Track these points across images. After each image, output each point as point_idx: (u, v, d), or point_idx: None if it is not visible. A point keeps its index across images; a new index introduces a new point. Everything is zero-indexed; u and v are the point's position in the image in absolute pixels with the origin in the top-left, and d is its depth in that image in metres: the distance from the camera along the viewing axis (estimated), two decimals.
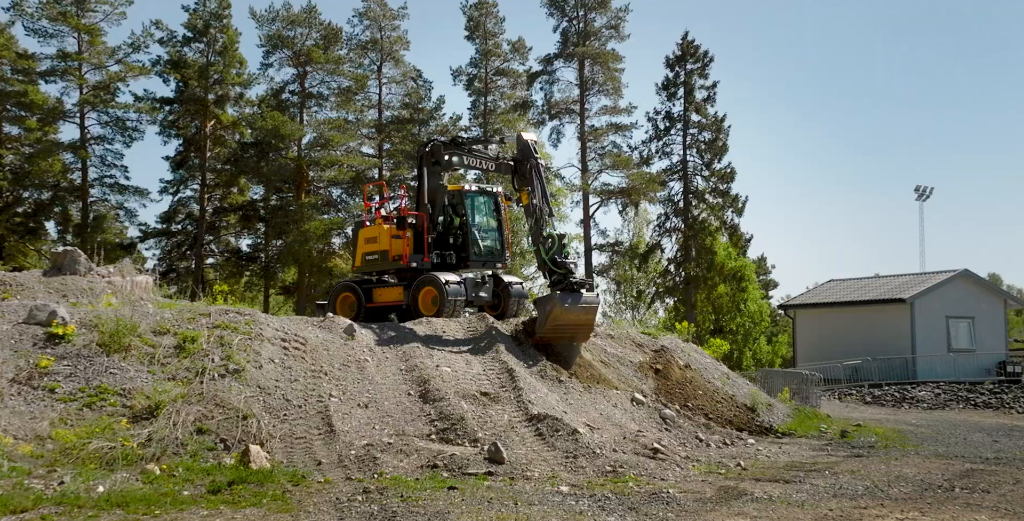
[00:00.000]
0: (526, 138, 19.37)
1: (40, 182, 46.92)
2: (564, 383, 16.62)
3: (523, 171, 18.95)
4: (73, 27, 46.59)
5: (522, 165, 19.02)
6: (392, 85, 53.10)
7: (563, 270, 18.04)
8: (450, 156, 20.15)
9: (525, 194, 18.79)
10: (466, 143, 20.65)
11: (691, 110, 50.63)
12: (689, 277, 49.07)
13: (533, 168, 18.79)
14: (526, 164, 18.91)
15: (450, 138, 21.01)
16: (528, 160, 18.91)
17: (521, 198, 19.01)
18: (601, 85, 50.70)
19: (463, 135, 23.46)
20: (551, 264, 18.08)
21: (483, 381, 15.59)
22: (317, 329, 16.24)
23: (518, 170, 19.14)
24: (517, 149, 19.41)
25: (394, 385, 14.89)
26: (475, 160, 20.20)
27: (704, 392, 20.33)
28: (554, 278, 18.16)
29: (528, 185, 18.76)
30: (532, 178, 18.71)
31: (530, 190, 18.64)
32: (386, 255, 20.56)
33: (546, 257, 18.12)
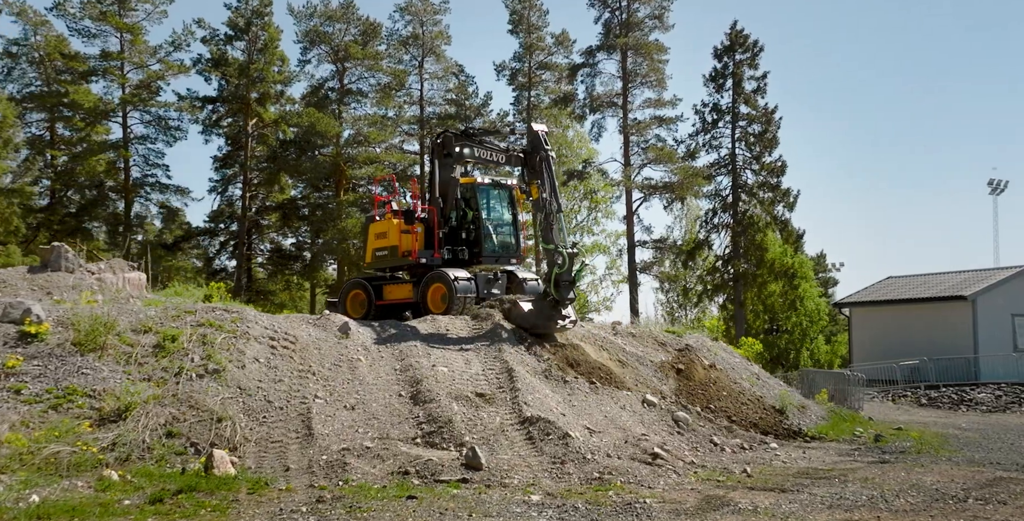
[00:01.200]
0: (536, 129, 18.77)
1: (85, 182, 47.64)
2: (569, 383, 15.99)
3: (533, 163, 18.39)
4: (115, 26, 47.18)
5: (532, 157, 18.43)
6: (434, 81, 52.90)
7: (560, 297, 17.41)
8: (461, 147, 19.72)
9: (535, 187, 18.22)
10: (478, 134, 20.15)
11: (740, 102, 49.43)
12: (738, 274, 47.89)
13: (543, 160, 18.21)
14: (536, 156, 18.32)
15: (462, 129, 20.55)
16: (538, 152, 18.32)
17: (531, 191, 18.44)
18: (644, 77, 49.81)
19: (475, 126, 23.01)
20: (554, 285, 17.39)
21: (480, 381, 15.04)
22: (311, 327, 15.84)
23: (528, 162, 18.57)
24: (527, 140, 18.84)
25: (385, 386, 14.40)
26: (486, 152, 19.68)
27: (729, 393, 19.52)
28: (548, 299, 17.59)
29: (538, 178, 18.18)
30: (542, 171, 18.14)
31: (540, 183, 18.08)
32: (395, 251, 20.15)
33: (553, 275, 17.42)
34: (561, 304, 17.51)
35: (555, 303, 17.52)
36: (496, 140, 20.18)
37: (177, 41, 48.40)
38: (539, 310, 17.74)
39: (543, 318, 17.71)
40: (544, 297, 17.73)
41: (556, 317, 17.69)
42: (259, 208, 51.31)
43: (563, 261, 17.24)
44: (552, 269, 17.41)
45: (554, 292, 17.38)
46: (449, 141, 19.90)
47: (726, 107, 49.74)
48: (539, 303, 17.80)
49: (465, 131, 20.41)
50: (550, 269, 17.48)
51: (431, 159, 20.60)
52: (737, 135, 49.43)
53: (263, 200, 51.43)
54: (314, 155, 48.08)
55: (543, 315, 17.65)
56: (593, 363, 17.56)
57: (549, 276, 17.48)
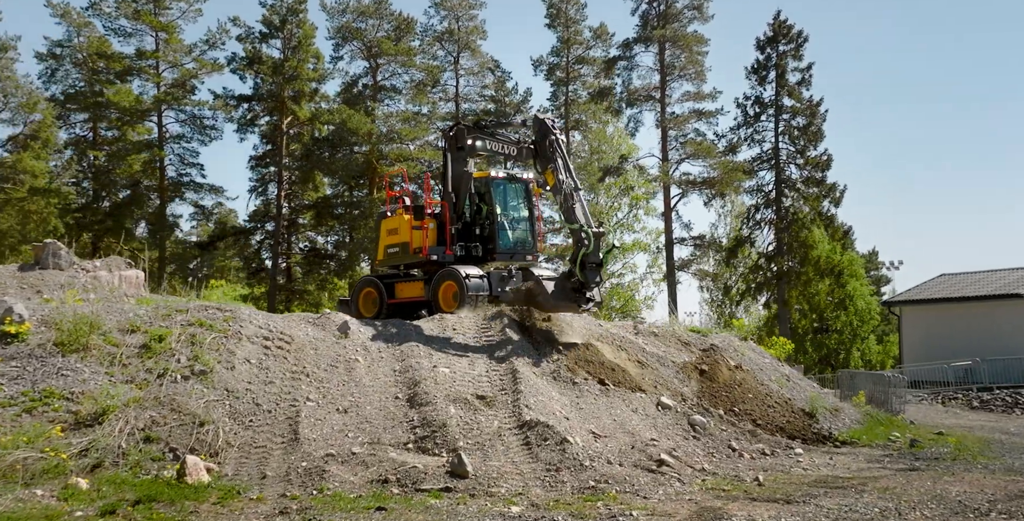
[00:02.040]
0: (541, 116, 18.26)
1: (122, 181, 47.99)
2: (579, 385, 15.37)
3: (543, 150, 17.83)
4: (150, 25, 47.42)
5: (541, 144, 17.88)
6: (470, 77, 52.50)
7: (586, 280, 16.84)
8: (473, 140, 19.24)
9: (550, 173, 17.63)
10: (490, 126, 19.63)
11: (784, 94, 48.35)
12: (781, 272, 46.77)
13: (552, 144, 17.68)
14: (545, 142, 17.76)
15: (474, 121, 20.06)
16: (547, 137, 17.77)
17: (547, 180, 17.82)
18: (683, 70, 48.90)
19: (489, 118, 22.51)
20: (580, 267, 16.77)
21: (483, 383, 14.48)
22: (309, 326, 15.40)
23: (539, 151, 18.01)
24: (534, 129, 18.34)
25: (382, 388, 13.91)
26: (498, 144, 19.18)
27: (755, 395, 18.77)
28: (573, 281, 16.97)
29: (551, 163, 17.62)
30: (554, 153, 17.61)
31: (553, 167, 17.53)
32: (407, 247, 19.66)
33: (580, 257, 16.75)
34: (586, 287, 16.93)
35: (580, 285, 16.94)
36: (509, 132, 19.69)
37: (212, 39, 48.50)
38: (562, 290, 17.04)
39: (565, 299, 17.06)
40: (568, 278, 17.09)
41: (580, 300, 17.10)
42: (295, 207, 51.24)
43: (589, 241, 16.64)
44: (579, 250, 16.68)
45: (580, 274, 16.74)
46: (461, 134, 19.44)
47: (769, 100, 48.69)
48: (562, 283, 17.10)
49: (477, 123, 19.93)
50: (576, 250, 16.80)
51: (443, 152, 20.11)
52: (781, 129, 48.35)
53: (299, 199, 51.37)
54: (351, 152, 47.84)
55: (566, 296, 17.01)
56: (608, 364, 16.92)
57: (575, 257, 16.77)
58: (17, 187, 47.08)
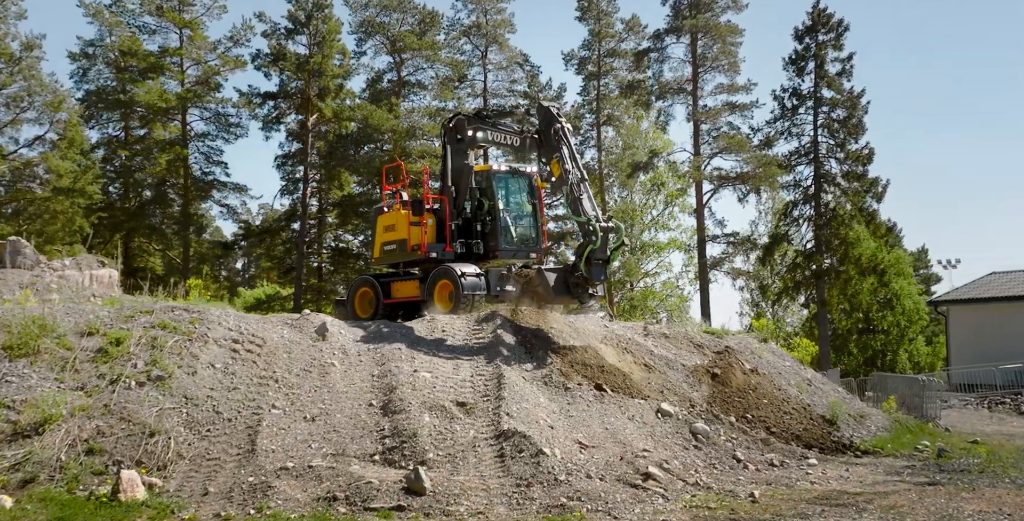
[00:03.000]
0: (546, 104, 17.49)
1: (147, 181, 47.91)
2: (572, 391, 14.48)
3: (548, 140, 17.05)
4: (174, 22, 47.26)
5: (546, 134, 17.10)
6: (498, 72, 51.72)
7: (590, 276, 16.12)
8: (474, 131, 18.52)
9: (555, 163, 16.83)
10: (491, 116, 18.83)
11: (823, 86, 46.89)
12: (820, 271, 45.34)
13: (557, 132, 16.89)
14: (550, 131, 16.97)
15: (475, 112, 19.30)
16: (552, 125, 16.99)
17: (552, 170, 17.01)
18: (715, 61, 47.67)
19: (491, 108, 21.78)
20: (585, 262, 15.97)
21: (465, 388, 13.66)
22: (285, 328, 14.69)
23: (543, 140, 17.23)
24: (539, 118, 17.49)
25: (357, 394, 13.15)
26: (500, 135, 18.41)
27: (770, 401, 17.78)
28: (577, 275, 16.22)
29: (555, 152, 16.82)
30: (558, 142, 16.82)
31: (558, 157, 16.72)
32: (404, 245, 18.93)
33: (586, 252, 15.95)
34: (590, 283, 16.31)
35: (583, 280, 16.21)
36: (513, 122, 18.94)
37: (236, 36, 48.29)
38: (563, 284, 16.42)
39: (566, 293, 16.52)
40: (572, 272, 16.33)
41: (582, 296, 16.55)
42: (321, 205, 50.82)
43: (596, 236, 15.77)
44: (586, 245, 15.92)
45: (583, 269, 15.97)
46: (462, 124, 18.74)
47: (807, 92, 47.25)
48: (564, 276, 16.48)
49: (478, 113, 19.16)
50: (583, 244, 16.07)
51: (442, 144, 19.37)
52: (820, 121, 46.90)
53: (326, 197, 50.93)
54: (380, 149, 47.26)
55: (567, 290, 16.45)
56: (608, 368, 16.03)
57: (581, 252, 16.02)
58: (42, 187, 47.23)
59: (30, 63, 46.92)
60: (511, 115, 19.82)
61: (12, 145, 48.51)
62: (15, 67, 45.84)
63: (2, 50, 45.94)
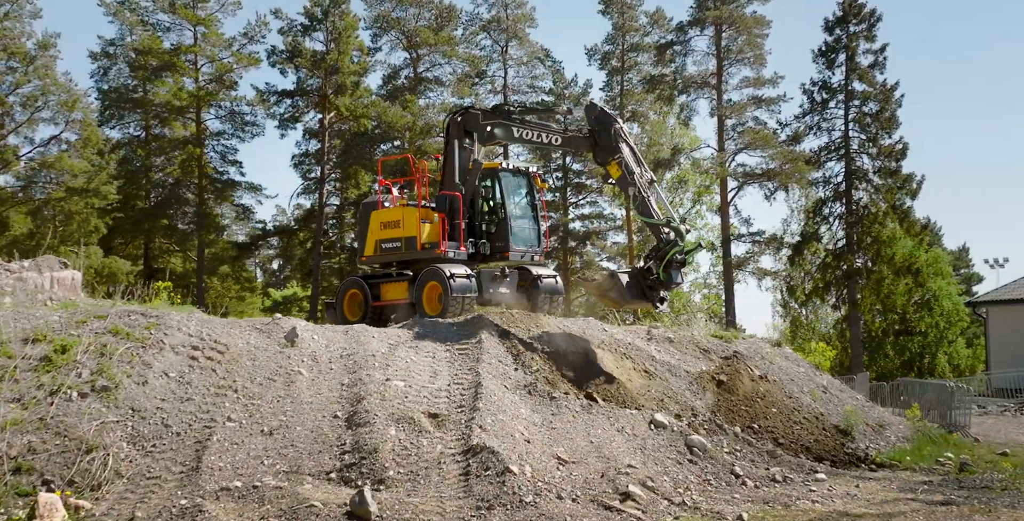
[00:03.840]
0: (598, 103, 17.13)
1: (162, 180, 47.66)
2: (557, 401, 13.61)
3: (606, 140, 16.46)
4: (188, 19, 46.90)
5: (603, 134, 16.50)
6: (519, 67, 50.88)
7: (669, 280, 15.82)
8: (492, 127, 17.72)
9: (614, 166, 16.36)
10: (515, 111, 18.00)
11: (854, 78, 45.69)
12: (851, 270, 44.06)
13: (618, 132, 16.41)
14: (610, 130, 16.42)
15: (494, 106, 18.51)
16: (611, 125, 16.48)
17: (610, 172, 16.62)
18: (740, 54, 46.53)
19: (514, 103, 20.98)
20: (665, 265, 15.63)
21: (440, 398, 12.85)
22: (253, 333, 13.92)
23: (599, 141, 16.59)
24: (591, 118, 16.86)
25: (322, 405, 12.37)
26: (531, 132, 17.60)
27: (780, 410, 16.85)
28: (652, 278, 15.82)
29: (616, 153, 16.27)
30: (619, 144, 16.30)
31: (620, 158, 16.20)
32: (413, 243, 18.03)
33: (669, 254, 15.66)
34: (665, 286, 16.00)
35: (658, 283, 15.82)
36: (547, 119, 18.37)
37: (251, 33, 47.83)
38: (637, 287, 15.97)
39: (640, 297, 16.10)
40: (646, 275, 15.88)
41: (655, 298, 16.11)
42: (341, 204, 50.25)
43: (681, 238, 15.75)
44: (669, 247, 15.63)
45: (661, 274, 15.60)
46: (474, 119, 17.96)
47: (838, 85, 46.14)
48: (638, 279, 16.02)
49: (497, 108, 18.31)
50: (664, 246, 15.71)
51: (450, 138, 18.58)
52: (851, 115, 45.68)
53: (343, 197, 50.37)
54: (401, 147, 46.58)
55: (641, 293, 16.03)
56: (601, 375, 15.18)
57: (662, 254, 15.65)
58: (57, 187, 47.10)
59: (45, 62, 46.79)
60: (549, 112, 19.19)
61: (28, 145, 48.65)
62: (30, 66, 45.76)
63: (17, 49, 45.87)
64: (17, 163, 46.98)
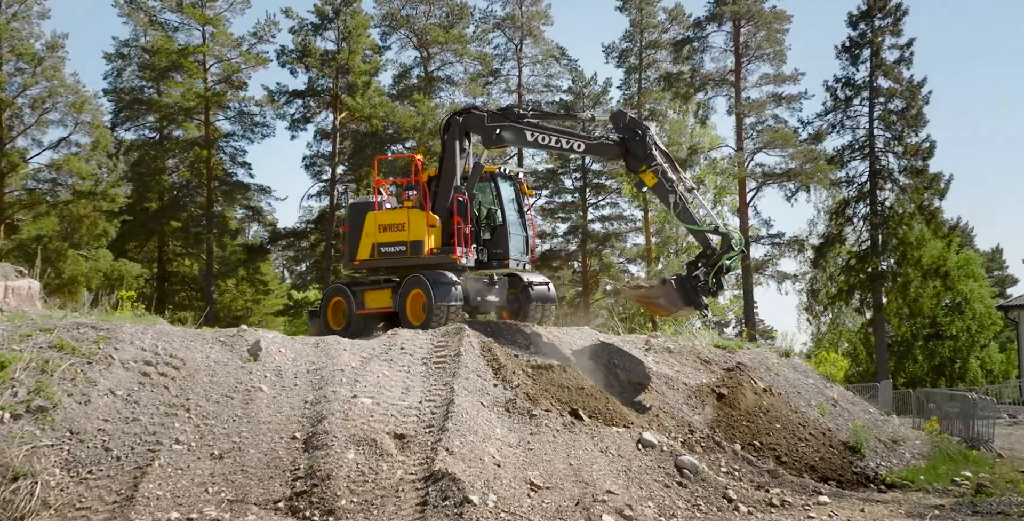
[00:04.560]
0: (628, 112, 16.92)
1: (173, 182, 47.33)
2: (537, 419, 12.80)
3: (639, 148, 15.99)
4: (196, 19, 46.48)
5: (635, 141, 16.03)
6: (534, 65, 50.10)
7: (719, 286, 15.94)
8: (500, 130, 16.99)
9: (649, 174, 15.97)
10: (526, 114, 17.34)
11: (879, 75, 44.45)
12: (876, 273, 42.84)
13: (652, 139, 16.05)
14: (644, 138, 16.01)
15: (501, 107, 17.85)
16: (645, 132, 16.09)
17: (644, 180, 16.17)
18: (760, 50, 45.43)
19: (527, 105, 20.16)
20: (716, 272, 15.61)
21: (409, 417, 12.07)
22: (215, 347, 13.20)
23: (631, 148, 16.10)
24: (619, 126, 16.37)
25: (281, 425, 11.63)
26: (549, 137, 16.93)
27: (784, 425, 16.00)
28: (699, 284, 15.63)
29: (652, 161, 15.91)
30: (653, 150, 15.97)
31: (656, 166, 15.84)
32: (420, 247, 17.25)
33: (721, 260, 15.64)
34: (712, 294, 16.11)
35: (704, 289, 15.72)
36: (566, 124, 17.82)
37: (260, 32, 47.35)
38: (685, 293, 15.76)
39: (689, 303, 15.84)
40: (693, 281, 15.65)
41: (701, 305, 15.90)
42: None
43: (736, 242, 15.76)
44: (723, 255, 15.61)
45: (711, 280, 15.57)
46: (478, 121, 17.33)
47: (862, 81, 44.81)
48: (684, 285, 15.78)
49: (507, 109, 17.56)
50: (718, 254, 15.63)
51: (450, 139, 17.88)
52: (876, 113, 44.45)
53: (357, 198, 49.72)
54: (413, 148, 45.88)
55: (689, 300, 15.79)
56: (589, 389, 14.37)
57: (715, 261, 15.59)
58: (65, 190, 46.87)
59: (53, 63, 46.54)
60: (570, 117, 18.56)
61: (36, 148, 48.44)
62: (38, 67, 45.52)
63: (25, 50, 45.65)
64: (25, 166, 46.81)
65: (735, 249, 15.68)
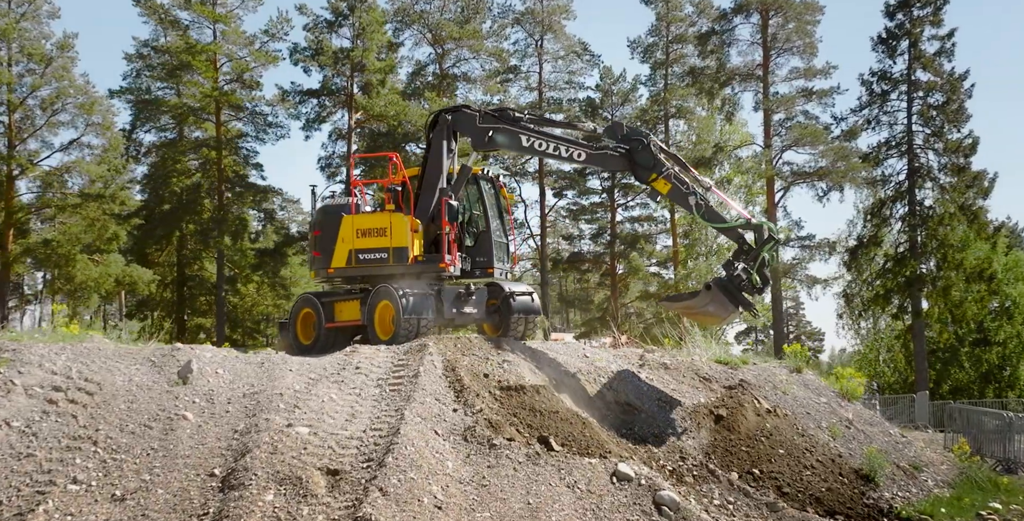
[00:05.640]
0: (625, 123, 16.29)
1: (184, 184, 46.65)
2: (498, 449, 11.49)
3: (644, 157, 15.06)
4: (206, 17, 45.69)
5: (640, 151, 15.09)
6: (556, 61, 48.72)
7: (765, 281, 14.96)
8: (493, 132, 15.77)
9: (662, 181, 15.01)
10: (523, 117, 16.20)
11: (918, 67, 42.55)
12: (914, 277, 40.94)
13: (656, 148, 15.14)
14: (649, 146, 15.06)
15: (495, 109, 16.58)
16: (649, 141, 15.17)
17: (656, 188, 15.20)
18: (789, 42, 43.66)
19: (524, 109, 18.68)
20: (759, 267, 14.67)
21: (348, 449, 10.82)
22: (140, 368, 12.04)
23: (636, 158, 15.14)
24: (619, 137, 15.38)
25: (201, 459, 10.46)
26: (546, 144, 15.77)
27: (789, 451, 14.62)
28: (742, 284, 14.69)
29: (661, 167, 14.99)
30: (657, 155, 15.05)
31: (667, 171, 14.97)
32: (404, 254, 16.00)
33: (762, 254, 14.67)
34: (759, 290, 15.04)
35: (749, 288, 14.75)
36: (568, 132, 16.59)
37: (272, 29, 46.42)
38: (730, 296, 14.78)
39: (735, 306, 14.86)
40: (736, 282, 14.66)
41: (747, 305, 14.95)
42: None
43: (775, 232, 15.04)
44: (764, 246, 14.64)
45: (755, 277, 14.58)
46: (469, 121, 16.14)
47: (900, 75, 42.89)
48: (727, 287, 14.78)
49: (502, 111, 16.26)
50: (759, 247, 14.67)
51: (436, 139, 16.71)
52: (914, 108, 42.55)
53: None
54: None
55: (736, 303, 14.82)
56: (564, 413, 13.05)
57: (756, 254, 14.62)
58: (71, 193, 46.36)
59: (63, 64, 46.01)
60: (569, 126, 17.17)
61: (47, 150, 47.91)
62: (47, 67, 45.00)
63: (34, 50, 45.13)
64: (34, 168, 46.30)
65: (773, 238, 14.83)
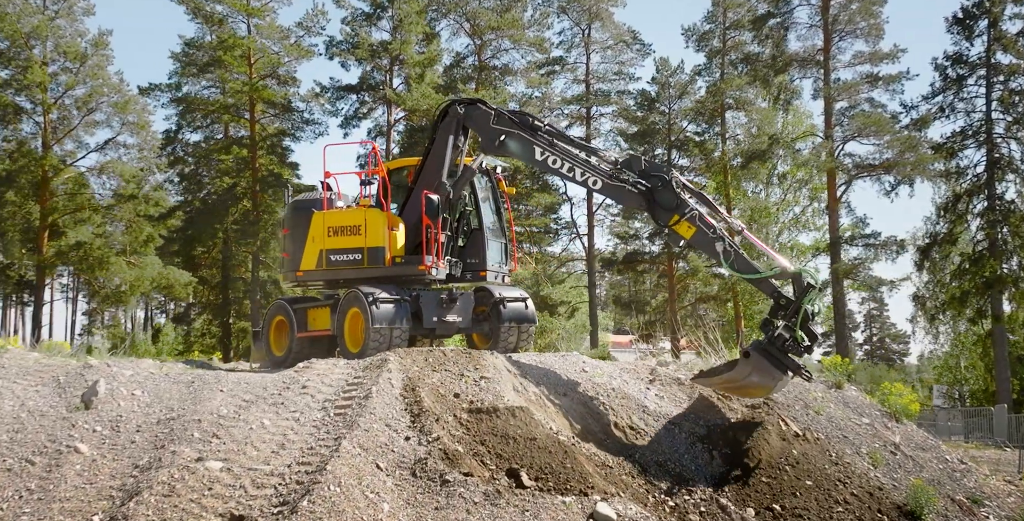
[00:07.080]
0: (643, 157, 14.06)
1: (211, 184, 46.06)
2: (451, 486, 9.79)
3: (665, 198, 13.45)
4: (240, 10, 44.84)
5: (660, 190, 13.47)
6: (605, 51, 46.91)
7: (813, 338, 12.93)
8: (506, 136, 14.21)
9: (684, 225, 13.35)
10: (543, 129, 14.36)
11: (997, 50, 39.94)
12: (993, 278, 38.24)
13: (678, 181, 13.54)
14: (668, 184, 13.44)
15: (514, 111, 15.02)
16: (668, 175, 13.55)
17: (678, 233, 13.50)
18: (852, 24, 41.25)
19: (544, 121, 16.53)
20: (802, 321, 12.72)
21: (264, 489, 9.21)
22: (40, 389, 10.65)
23: (656, 198, 13.48)
24: (637, 173, 13.71)
25: (85, 503, 8.96)
26: (562, 162, 14.06)
27: (818, 482, 12.73)
28: (787, 344, 12.71)
29: (685, 208, 13.33)
30: (682, 195, 13.43)
31: (691, 213, 13.31)
32: (380, 255, 14.61)
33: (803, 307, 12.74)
34: (807, 350, 12.98)
35: (797, 346, 12.76)
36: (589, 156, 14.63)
37: (307, 23, 45.42)
38: (775, 360, 12.84)
39: (786, 371, 12.99)
40: (775, 345, 12.71)
41: (799, 368, 13.03)
42: None
43: (816, 281, 12.85)
44: (803, 297, 12.72)
45: (801, 333, 12.67)
46: (483, 119, 14.62)
47: (978, 58, 40.45)
48: (770, 350, 12.81)
49: (522, 114, 14.59)
50: (797, 298, 12.79)
51: (446, 132, 15.17)
52: (994, 94, 39.94)
53: None
54: None
55: (783, 366, 12.94)
56: (542, 441, 11.31)
57: (797, 308, 12.72)
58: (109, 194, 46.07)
59: (98, 61, 45.58)
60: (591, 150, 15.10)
61: (82, 150, 47.56)
62: (82, 66, 44.60)
63: (69, 48, 44.73)
64: (68, 169, 45.93)
65: (814, 287, 12.80)
